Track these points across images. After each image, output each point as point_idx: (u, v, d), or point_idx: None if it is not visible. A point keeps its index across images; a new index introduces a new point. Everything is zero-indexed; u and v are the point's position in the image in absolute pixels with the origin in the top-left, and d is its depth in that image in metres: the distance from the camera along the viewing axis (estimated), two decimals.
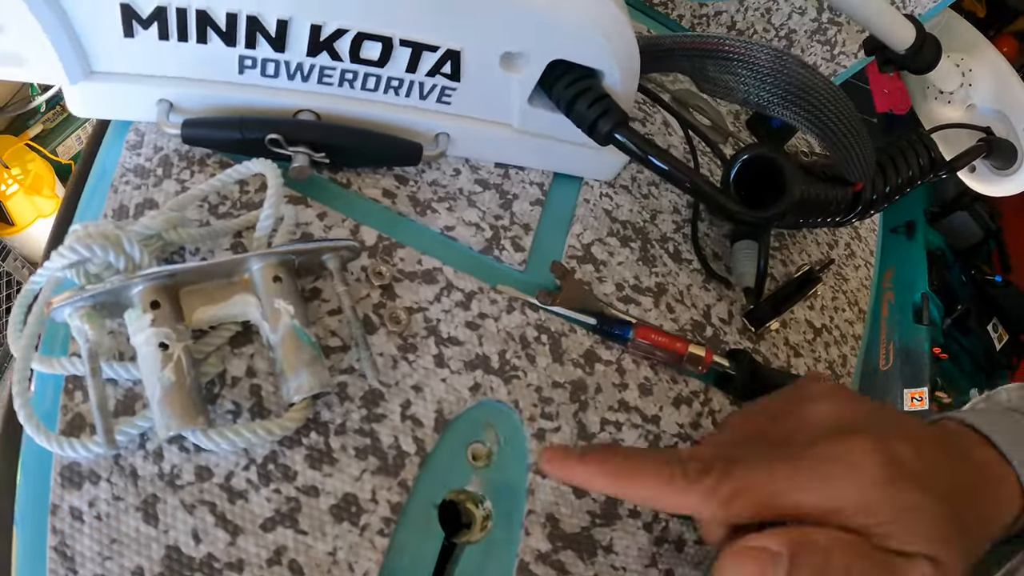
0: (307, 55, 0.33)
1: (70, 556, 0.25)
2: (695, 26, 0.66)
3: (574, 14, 0.33)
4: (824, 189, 0.43)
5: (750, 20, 0.65)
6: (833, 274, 0.53)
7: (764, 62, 0.39)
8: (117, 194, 0.32)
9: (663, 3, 0.65)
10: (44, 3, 0.28)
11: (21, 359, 0.27)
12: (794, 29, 0.65)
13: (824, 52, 0.65)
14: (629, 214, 0.44)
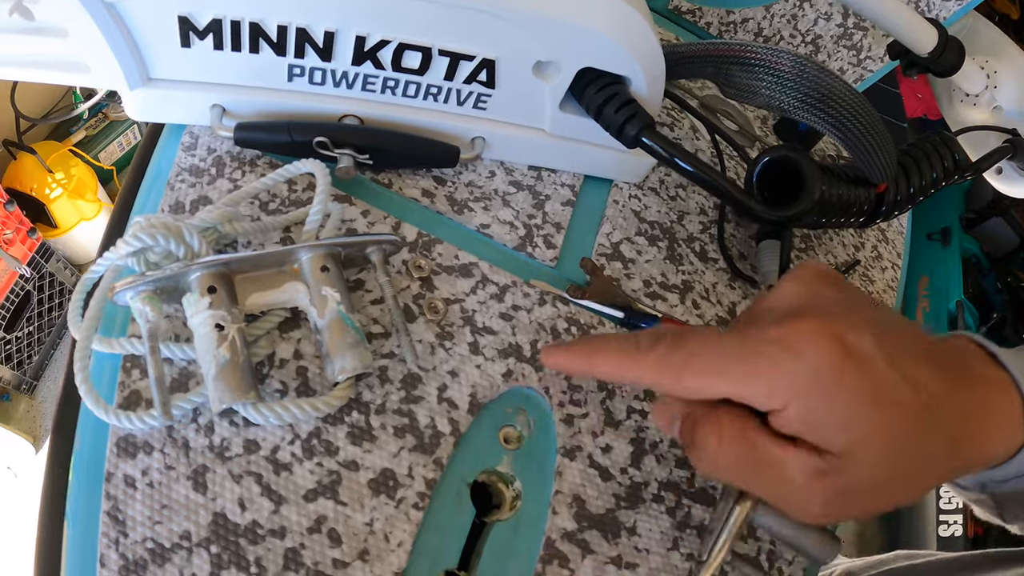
0: (352, 64, 0.33)
1: (121, 520, 0.25)
2: (722, 33, 0.65)
3: (601, 25, 0.32)
4: (846, 190, 0.41)
5: (776, 27, 0.64)
6: (859, 275, 0.50)
7: (787, 68, 0.38)
8: (173, 191, 0.33)
9: (691, 12, 0.64)
10: (106, 13, 0.29)
11: (82, 339, 0.27)
12: (820, 35, 0.63)
13: (851, 57, 0.63)
14: (657, 215, 0.43)
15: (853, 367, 0.22)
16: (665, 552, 0.31)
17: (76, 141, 1.40)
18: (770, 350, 0.23)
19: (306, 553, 0.26)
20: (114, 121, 1.48)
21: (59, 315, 1.35)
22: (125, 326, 0.29)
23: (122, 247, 0.27)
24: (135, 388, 0.27)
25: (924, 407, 0.23)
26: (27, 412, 1.32)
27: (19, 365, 1.27)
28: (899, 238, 0.57)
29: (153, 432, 0.26)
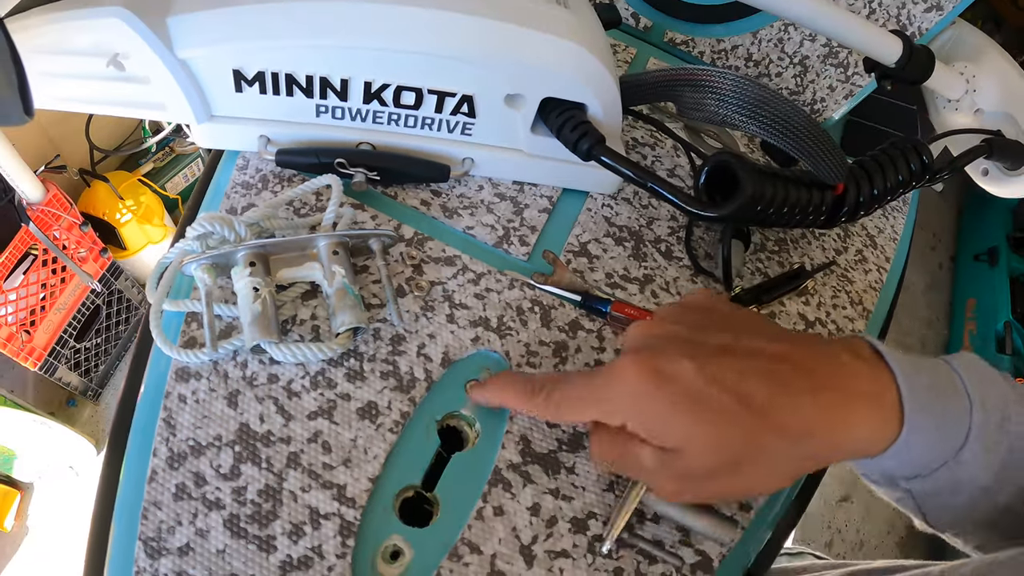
0: (363, 103, 0.45)
1: (172, 424, 0.37)
2: (715, 60, 0.74)
3: (556, 63, 0.43)
4: (789, 190, 0.48)
5: (765, 51, 0.71)
6: (837, 276, 0.56)
7: (726, 85, 0.48)
8: (229, 199, 0.46)
9: (685, 42, 0.73)
10: (180, 67, 0.42)
11: (156, 301, 0.40)
12: (807, 55, 0.70)
13: (839, 74, 0.69)
14: (627, 220, 0.53)
15: (668, 386, 0.31)
16: (600, 492, 0.39)
17: (145, 172, 1.59)
18: (607, 382, 0.33)
19: (304, 456, 0.36)
20: (179, 155, 1.68)
21: (125, 329, 1.54)
22: (188, 293, 0.41)
23: (190, 231, 0.39)
24: (192, 335, 0.39)
25: (752, 411, 0.30)
26: (91, 417, 1.50)
27: (86, 373, 1.45)
28: (891, 244, 0.63)
29: (202, 364, 0.38)
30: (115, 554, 0.34)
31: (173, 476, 0.35)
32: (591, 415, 0.34)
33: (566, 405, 0.34)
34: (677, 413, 0.31)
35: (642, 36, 0.74)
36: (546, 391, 0.35)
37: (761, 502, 0.41)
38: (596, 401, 0.33)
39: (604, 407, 0.33)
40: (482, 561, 0.35)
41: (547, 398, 0.35)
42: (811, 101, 0.73)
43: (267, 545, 0.34)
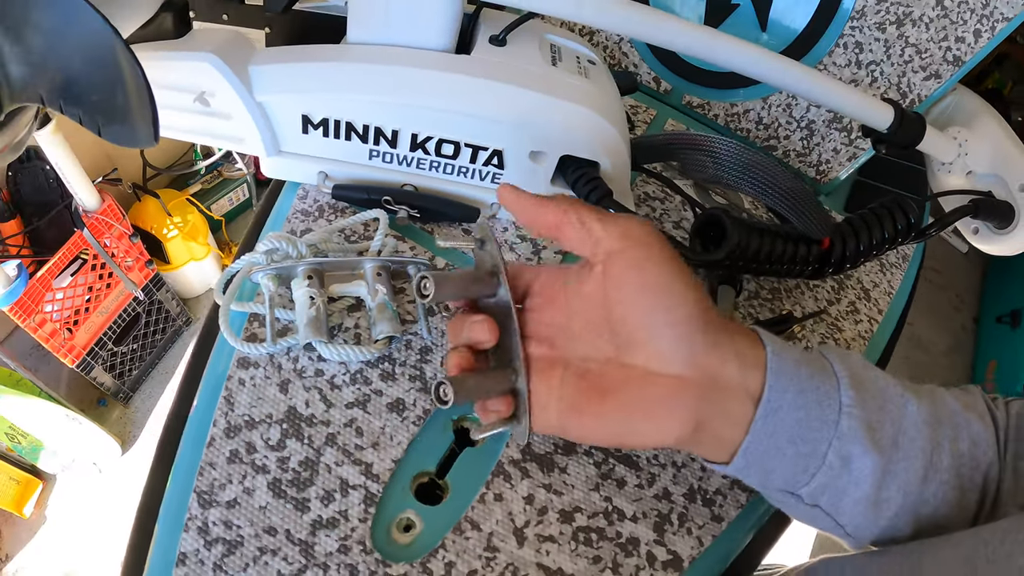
0: (409, 150, 0.55)
1: (231, 402, 0.46)
2: (728, 123, 0.83)
3: (573, 127, 0.53)
4: (782, 243, 0.56)
5: (774, 115, 0.80)
6: (827, 324, 0.63)
7: (722, 150, 0.57)
8: (289, 223, 0.56)
9: (701, 106, 0.83)
10: (257, 108, 0.53)
11: (225, 302, 0.49)
12: (813, 120, 0.78)
13: (843, 138, 0.78)
14: None
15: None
16: (587, 491, 0.47)
17: (193, 192, 1.74)
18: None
19: (340, 437, 0.45)
20: (227, 179, 1.82)
21: (161, 338, 1.65)
22: (251, 297, 0.51)
23: (260, 246, 0.49)
24: (253, 332, 0.49)
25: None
26: (119, 418, 1.60)
27: (120, 376, 1.56)
28: (885, 297, 0.70)
29: (260, 356, 0.48)
30: (169, 501, 0.43)
31: (228, 443, 0.45)
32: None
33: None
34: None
35: (662, 98, 0.84)
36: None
37: (733, 514, 0.48)
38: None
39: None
40: (480, 537, 0.43)
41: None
42: (817, 163, 0.82)
43: (302, 506, 0.43)
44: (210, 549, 0.41)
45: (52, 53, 0.34)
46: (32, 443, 1.43)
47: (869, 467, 0.35)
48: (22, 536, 1.47)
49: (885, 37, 0.73)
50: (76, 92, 0.36)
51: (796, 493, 0.37)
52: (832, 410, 0.35)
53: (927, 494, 0.36)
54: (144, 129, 0.37)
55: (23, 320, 1.25)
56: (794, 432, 0.35)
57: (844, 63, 0.75)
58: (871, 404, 0.36)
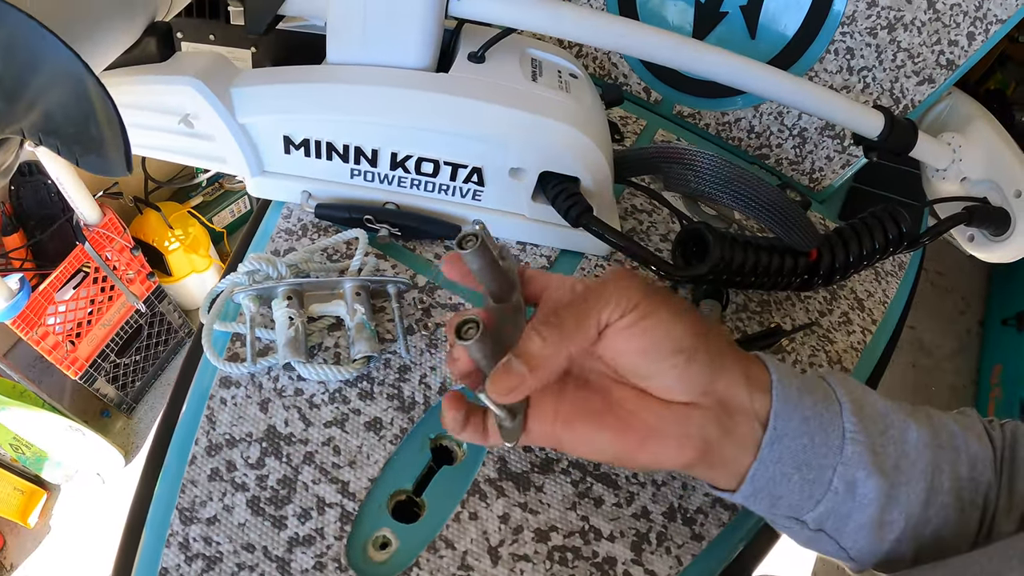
0: (390, 169, 0.57)
1: (213, 421, 0.48)
2: (719, 132, 0.84)
3: (552, 143, 0.54)
4: (767, 256, 0.57)
5: (766, 123, 0.81)
6: (818, 336, 0.64)
7: (704, 164, 0.58)
8: (274, 242, 0.58)
9: (692, 115, 0.84)
10: (240, 130, 0.54)
11: (208, 322, 0.51)
12: (805, 127, 0.79)
13: (836, 145, 0.78)
14: None
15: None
16: (563, 510, 0.48)
17: (194, 204, 1.77)
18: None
19: (318, 456, 0.47)
20: (228, 191, 1.85)
21: (164, 349, 1.68)
22: (234, 317, 0.53)
23: (241, 268, 0.51)
24: (235, 351, 0.51)
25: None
26: (123, 429, 1.63)
27: (123, 387, 1.59)
28: (879, 307, 0.70)
29: (242, 375, 0.49)
30: (153, 517, 0.45)
31: (210, 461, 0.46)
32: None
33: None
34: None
35: (652, 108, 0.85)
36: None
37: (714, 533, 0.49)
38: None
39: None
40: (455, 555, 0.45)
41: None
42: (810, 170, 0.82)
43: (280, 523, 0.44)
44: (191, 564, 0.43)
45: (27, 88, 0.36)
46: (36, 454, 1.46)
47: (873, 491, 0.36)
48: (27, 545, 1.50)
49: (876, 42, 0.73)
50: (52, 125, 0.38)
51: (801, 519, 0.38)
52: (836, 436, 0.36)
53: (929, 515, 0.37)
54: (117, 159, 0.39)
55: (26, 333, 1.28)
56: (800, 458, 0.36)
57: (835, 69, 0.76)
58: (873, 429, 0.37)
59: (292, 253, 0.55)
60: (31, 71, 0.36)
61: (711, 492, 0.40)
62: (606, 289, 0.35)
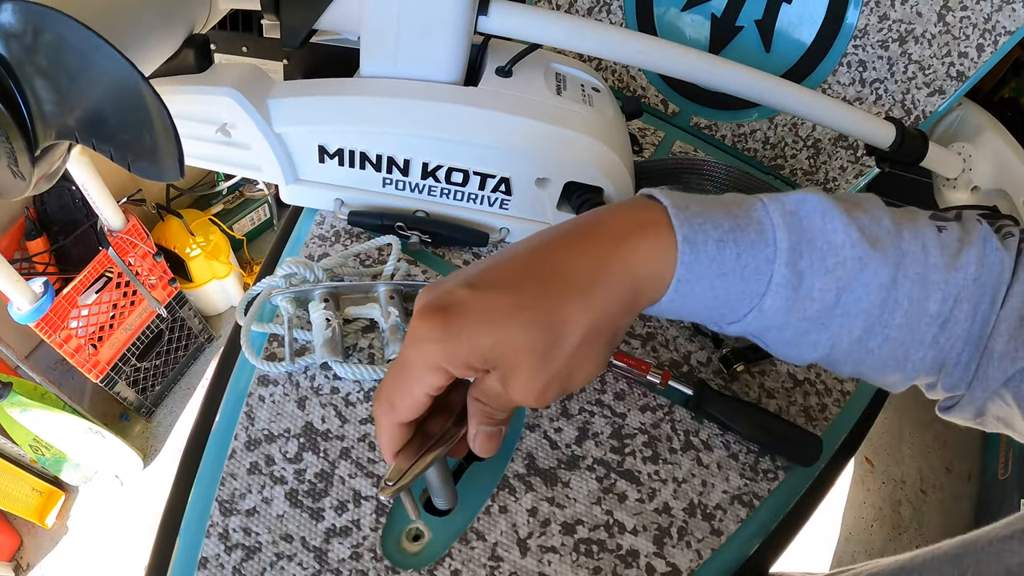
0: (420, 178, 0.59)
1: (252, 417, 0.50)
2: (735, 143, 0.86)
3: (577, 155, 0.57)
4: None
5: (780, 135, 0.83)
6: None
7: (719, 173, 0.60)
8: (307, 248, 0.60)
9: (709, 127, 0.86)
10: (276, 139, 0.57)
11: (247, 323, 0.53)
12: (819, 139, 0.81)
13: (848, 155, 0.80)
14: None
15: (453, 315, 0.31)
16: (588, 504, 0.51)
17: (215, 212, 1.79)
18: (411, 350, 0.33)
19: (353, 451, 0.49)
20: (248, 199, 1.88)
21: (184, 355, 1.71)
22: (271, 319, 0.55)
23: (279, 271, 0.53)
24: (273, 351, 0.53)
25: (534, 292, 0.32)
26: (142, 432, 1.66)
27: (143, 391, 1.62)
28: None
29: (280, 374, 0.52)
30: (192, 509, 0.47)
31: (249, 455, 0.49)
32: (424, 388, 0.34)
33: (397, 397, 0.35)
34: (479, 332, 0.32)
35: (670, 120, 0.88)
36: (379, 401, 0.36)
37: (732, 528, 0.51)
38: (415, 379, 0.34)
39: (425, 368, 0.33)
40: (485, 547, 0.47)
41: (381, 404, 0.36)
42: (824, 180, 0.84)
43: (317, 515, 0.47)
44: (230, 554, 0.45)
45: (83, 95, 0.38)
46: (55, 455, 1.49)
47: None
48: (44, 546, 1.52)
49: (888, 55, 0.76)
50: (106, 131, 0.40)
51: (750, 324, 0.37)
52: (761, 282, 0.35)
53: (871, 347, 0.37)
54: (171, 166, 0.41)
55: (49, 336, 1.31)
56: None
57: (848, 81, 0.78)
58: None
59: (327, 258, 0.57)
60: (85, 79, 0.38)
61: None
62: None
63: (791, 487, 0.54)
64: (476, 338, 0.32)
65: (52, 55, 0.37)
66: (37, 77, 0.38)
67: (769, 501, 0.53)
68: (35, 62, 0.37)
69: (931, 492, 1.72)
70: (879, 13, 0.75)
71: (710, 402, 0.56)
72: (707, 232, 0.34)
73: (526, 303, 0.32)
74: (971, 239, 0.37)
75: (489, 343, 0.32)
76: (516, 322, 0.32)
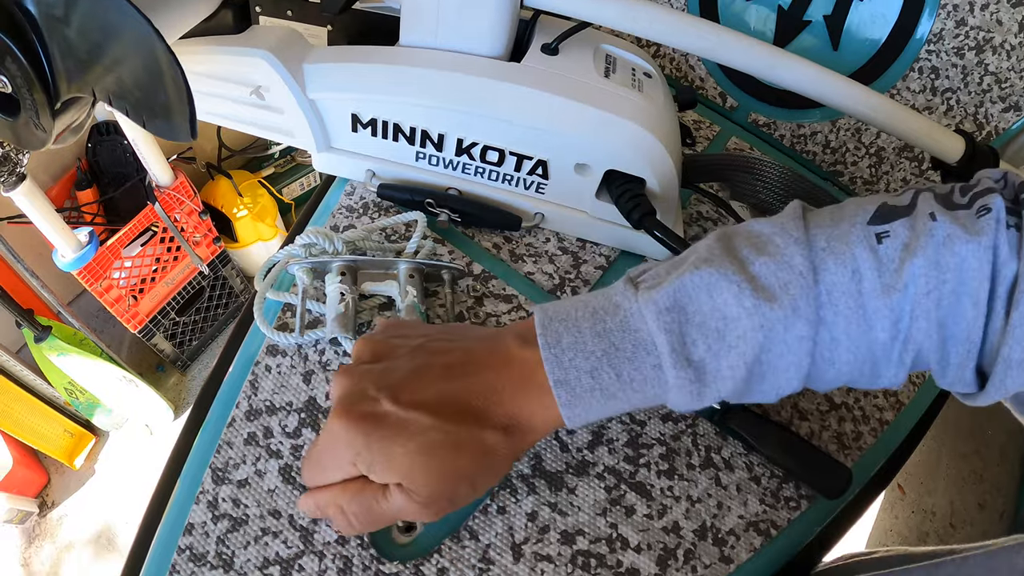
0: (455, 155, 0.57)
1: (256, 387, 0.48)
2: (794, 144, 0.81)
3: (620, 141, 0.53)
4: None
5: (842, 139, 0.78)
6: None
7: (770, 173, 0.56)
8: (334, 218, 0.58)
9: (767, 125, 0.81)
10: (309, 105, 0.55)
11: (262, 290, 0.52)
12: (883, 147, 0.76)
13: (912, 168, 0.75)
14: None
15: (376, 427, 0.34)
16: (593, 515, 0.47)
17: (265, 175, 1.81)
18: (328, 444, 0.36)
19: None
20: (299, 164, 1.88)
21: (223, 312, 1.73)
22: (288, 288, 0.54)
23: (299, 240, 0.51)
24: (285, 321, 0.52)
25: (451, 425, 0.34)
26: (175, 385, 1.69)
27: (180, 344, 1.64)
28: None
29: (289, 345, 0.50)
30: (187, 473, 0.46)
31: (248, 425, 0.47)
32: (334, 478, 0.37)
33: (311, 476, 0.38)
34: (398, 452, 0.34)
35: (727, 115, 0.83)
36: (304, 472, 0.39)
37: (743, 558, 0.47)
38: (329, 466, 0.36)
39: (338, 467, 0.36)
40: (477, 547, 0.44)
41: (305, 477, 0.39)
42: (884, 192, 0.79)
43: None
44: (216, 523, 0.44)
45: (101, 52, 0.37)
46: (89, 399, 1.52)
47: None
48: (70, 486, 1.57)
49: (963, 63, 0.70)
50: (123, 89, 0.39)
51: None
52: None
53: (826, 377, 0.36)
54: (182, 126, 0.40)
55: (90, 284, 1.33)
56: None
57: (918, 89, 0.73)
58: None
59: (350, 231, 0.55)
60: (105, 35, 0.37)
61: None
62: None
63: (813, 519, 0.50)
64: (394, 459, 0.34)
65: (71, 7, 0.36)
66: (57, 31, 0.37)
67: (787, 531, 0.49)
68: (56, 15, 0.36)
69: (960, 527, 1.64)
70: (956, 18, 0.69)
71: (737, 418, 0.52)
72: (578, 367, 0.35)
73: (448, 428, 0.35)
74: (919, 244, 0.33)
75: (406, 465, 0.34)
76: (437, 446, 0.34)
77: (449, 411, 0.35)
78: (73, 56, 0.37)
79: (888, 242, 0.34)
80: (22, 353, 1.42)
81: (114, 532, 1.52)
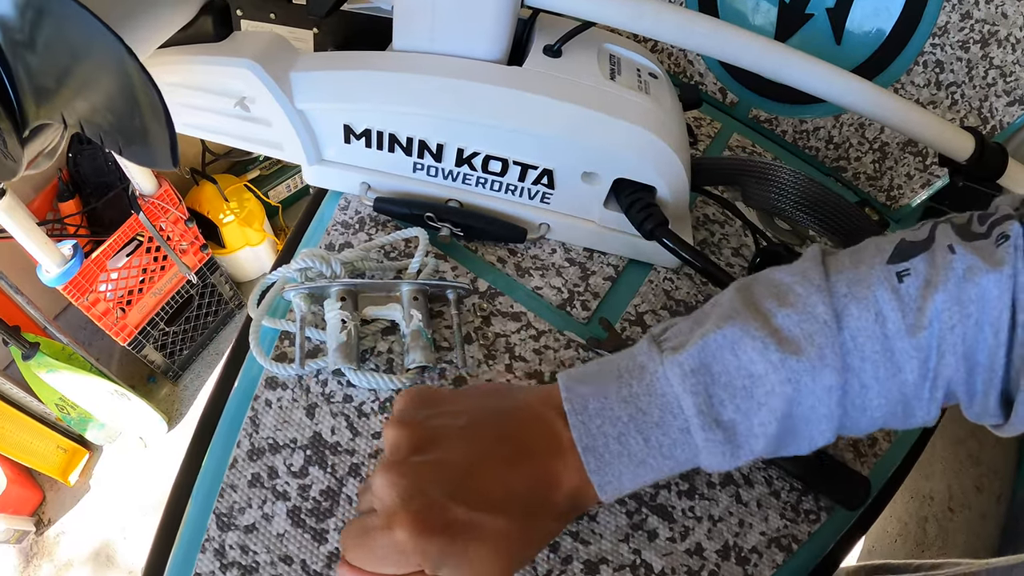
0: (455, 165, 0.53)
1: (256, 423, 0.45)
2: (796, 140, 0.78)
3: (629, 148, 0.50)
4: None
5: (845, 135, 0.75)
6: None
7: (784, 179, 0.53)
8: (328, 236, 0.54)
9: (768, 120, 0.78)
10: (298, 117, 0.51)
11: (257, 318, 0.48)
12: (886, 142, 0.73)
13: (916, 163, 0.72)
14: (685, 295, 0.58)
15: (454, 539, 0.32)
16: (616, 542, 0.44)
17: (251, 178, 1.75)
18: (392, 548, 0.33)
19: (364, 468, 0.44)
20: (284, 166, 1.83)
21: (213, 320, 1.68)
22: (284, 314, 0.50)
23: (294, 264, 0.48)
24: (284, 351, 0.48)
25: (521, 521, 0.34)
26: (168, 395, 1.64)
27: (171, 355, 1.60)
28: None
29: (289, 377, 0.46)
30: (190, 522, 0.42)
31: (251, 466, 0.43)
32: (391, 571, 0.33)
33: (360, 558, 0.34)
34: (488, 558, 0.33)
35: (728, 111, 0.80)
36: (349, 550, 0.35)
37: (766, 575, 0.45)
38: (389, 563, 0.33)
39: (400, 567, 0.33)
40: None
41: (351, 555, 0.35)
42: (888, 187, 0.76)
43: (320, 536, 0.41)
44: (225, 572, 0.40)
45: (69, 74, 0.33)
46: (81, 415, 1.47)
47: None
48: (66, 502, 1.52)
49: (968, 57, 0.67)
50: (94, 112, 0.35)
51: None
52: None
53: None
54: (162, 151, 0.36)
55: (77, 299, 1.28)
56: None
57: (923, 83, 0.70)
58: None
59: (348, 250, 0.51)
60: (73, 56, 0.33)
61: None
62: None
63: (832, 530, 0.48)
64: (469, 563, 0.32)
65: (36, 30, 0.32)
66: (21, 57, 0.32)
67: (808, 545, 0.47)
68: (18, 40, 0.32)
69: (959, 511, 1.64)
70: (961, 11, 0.66)
71: None
72: (605, 433, 0.34)
73: (519, 526, 0.34)
74: (940, 279, 0.33)
75: (482, 569, 0.33)
76: (512, 544, 0.34)
77: (517, 508, 0.34)
78: (40, 81, 0.33)
79: (909, 280, 0.33)
80: (10, 371, 1.36)
81: (113, 548, 1.47)
